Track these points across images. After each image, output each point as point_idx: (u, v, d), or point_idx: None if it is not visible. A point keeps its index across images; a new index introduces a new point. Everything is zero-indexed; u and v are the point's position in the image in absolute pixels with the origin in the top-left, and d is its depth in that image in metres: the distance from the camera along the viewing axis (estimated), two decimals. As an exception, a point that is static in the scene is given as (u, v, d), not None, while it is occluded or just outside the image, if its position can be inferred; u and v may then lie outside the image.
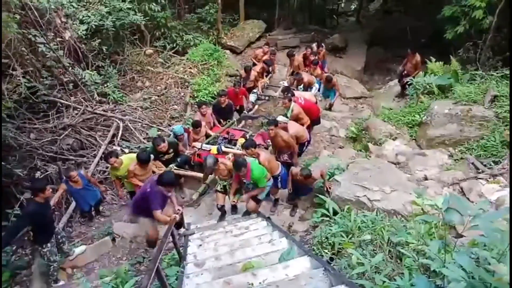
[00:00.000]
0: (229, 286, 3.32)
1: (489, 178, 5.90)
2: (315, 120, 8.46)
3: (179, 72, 11.75)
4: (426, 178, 6.45)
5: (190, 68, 11.96)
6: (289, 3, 18.03)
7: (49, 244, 5.09)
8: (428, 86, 9.03)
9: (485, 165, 6.41)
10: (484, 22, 9.03)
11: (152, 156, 6.31)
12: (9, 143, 6.90)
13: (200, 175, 7.00)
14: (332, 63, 13.67)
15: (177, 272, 3.78)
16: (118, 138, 8.48)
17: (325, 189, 5.95)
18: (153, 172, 6.31)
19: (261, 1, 17.62)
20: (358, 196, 5.57)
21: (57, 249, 5.31)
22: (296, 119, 7.52)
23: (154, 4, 11.75)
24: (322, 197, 5.44)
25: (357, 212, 4.93)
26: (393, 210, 5.15)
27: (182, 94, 10.99)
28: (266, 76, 11.63)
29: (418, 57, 9.84)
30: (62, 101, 8.63)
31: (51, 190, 4.99)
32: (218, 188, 6.24)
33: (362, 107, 11.32)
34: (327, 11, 19.14)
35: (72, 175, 6.00)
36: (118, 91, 10.09)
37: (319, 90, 10.37)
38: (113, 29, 10.17)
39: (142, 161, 5.95)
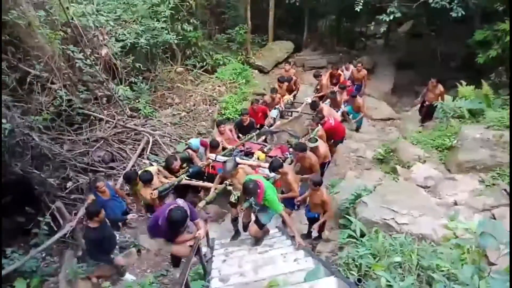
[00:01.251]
0: (254, 302, 3.32)
1: (523, 206, 5.70)
2: (340, 139, 8.53)
3: (208, 89, 12.03)
4: (456, 203, 6.29)
5: (219, 86, 12.23)
6: (318, 25, 18.25)
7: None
8: (458, 110, 8.88)
9: (518, 192, 6.20)
10: (517, 47, 8.90)
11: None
12: (44, 153, 7.17)
13: (212, 185, 6.69)
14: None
15: (202, 286, 3.79)
16: (147, 152, 8.69)
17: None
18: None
19: (291, 23, 17.93)
20: (386, 219, 5.47)
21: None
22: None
23: (186, 24, 12.17)
24: (350, 218, 5.37)
25: (385, 235, 4.84)
26: (421, 234, 5.01)
27: (210, 111, 11.21)
28: (290, 93, 11.61)
29: (441, 86, 9.59)
30: (95, 114, 8.95)
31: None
32: (232, 199, 6.02)
33: (390, 129, 11.19)
34: (356, 34, 19.21)
35: (99, 186, 6.13)
36: (149, 106, 10.41)
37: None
38: (147, 47, 10.54)
39: (144, 181, 6.02)
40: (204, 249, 5.85)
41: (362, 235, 4.95)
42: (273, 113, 10.13)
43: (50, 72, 7.93)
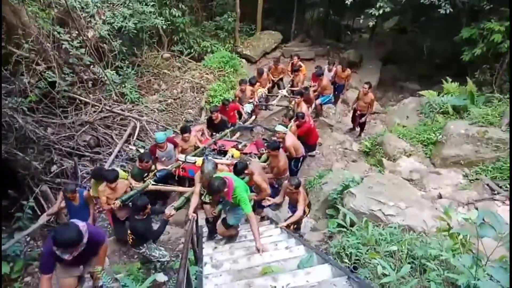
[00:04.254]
0: (250, 289, 3.34)
1: (505, 200, 5.90)
2: (314, 144, 8.51)
3: (195, 77, 11.91)
4: (440, 197, 6.47)
5: (207, 74, 12.13)
6: (306, 17, 18.25)
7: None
8: (443, 106, 9.08)
9: (500, 187, 6.41)
10: (503, 46, 9.10)
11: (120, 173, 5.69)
12: (28, 135, 6.97)
13: (183, 189, 6.26)
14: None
15: (196, 272, 3.79)
16: (134, 138, 8.57)
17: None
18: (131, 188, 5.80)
19: (279, 13, 17.86)
20: (373, 210, 5.58)
21: None
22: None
23: (175, 9, 11.96)
24: (340, 207, 5.45)
25: (374, 226, 4.94)
26: (408, 226, 5.15)
27: (198, 98, 11.13)
28: (273, 87, 11.42)
29: (371, 94, 9.26)
30: (81, 98, 8.76)
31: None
32: (207, 199, 5.43)
33: (375, 123, 11.36)
34: (342, 27, 19.28)
35: (70, 195, 5.46)
36: (136, 92, 10.23)
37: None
38: (134, 31, 10.34)
39: (109, 180, 5.32)
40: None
41: (351, 225, 5.05)
42: (248, 107, 9.72)
43: (35, 52, 7.67)
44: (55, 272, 3.72)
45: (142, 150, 8.07)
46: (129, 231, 4.86)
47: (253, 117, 9.94)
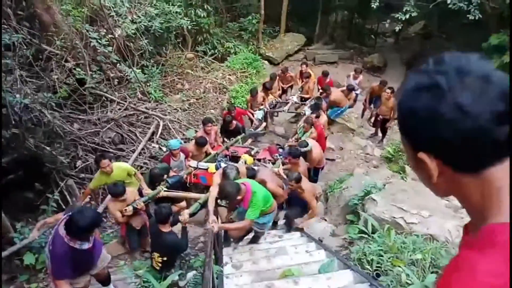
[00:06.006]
0: (271, 290, 3.36)
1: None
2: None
3: (218, 77, 12.01)
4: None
5: (229, 75, 12.21)
6: (330, 19, 18.16)
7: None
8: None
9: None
10: (533, 54, 8.86)
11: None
12: (56, 130, 7.16)
13: (195, 195, 5.99)
14: (369, 81, 13.61)
15: (217, 271, 3.83)
16: (157, 136, 8.69)
17: None
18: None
19: (303, 15, 17.80)
20: (395, 217, 5.50)
21: None
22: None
23: (200, 10, 12.09)
24: (361, 213, 5.41)
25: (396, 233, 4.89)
26: (430, 235, 5.06)
27: (220, 99, 11.21)
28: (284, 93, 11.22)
29: (394, 99, 8.86)
30: (107, 95, 8.93)
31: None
32: (224, 203, 5.04)
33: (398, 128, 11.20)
34: (366, 30, 19.10)
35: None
36: (159, 90, 10.38)
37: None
38: (160, 30, 10.49)
39: (114, 195, 5.10)
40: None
41: (373, 231, 5.00)
42: (258, 114, 9.45)
43: (65, 49, 7.87)
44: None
45: (164, 149, 8.19)
46: (156, 255, 4.17)
47: (264, 124, 9.73)
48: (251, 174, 5.30)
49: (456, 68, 0.69)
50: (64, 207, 6.62)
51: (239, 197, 4.12)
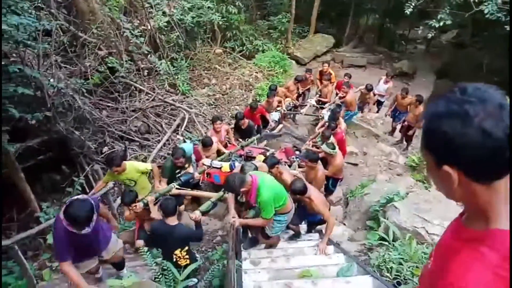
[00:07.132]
0: (289, 289, 3.37)
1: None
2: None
3: (245, 74, 12.06)
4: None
5: (256, 72, 12.25)
6: (360, 22, 17.98)
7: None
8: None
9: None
10: None
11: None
12: (85, 116, 7.34)
13: (208, 194, 5.84)
14: (396, 88, 13.41)
15: (236, 265, 3.86)
16: (182, 128, 8.80)
17: None
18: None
19: (333, 17, 17.69)
20: (416, 227, 5.41)
21: None
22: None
23: (232, 6, 12.16)
24: (383, 220, 5.36)
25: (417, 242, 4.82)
26: (452, 246, 4.97)
27: (245, 96, 11.25)
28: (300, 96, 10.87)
29: (421, 107, 8.74)
30: (136, 85, 9.10)
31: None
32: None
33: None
34: (397, 36, 18.80)
35: None
36: (187, 84, 10.51)
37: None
38: (192, 24, 10.61)
39: (125, 204, 4.89)
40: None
41: (393, 239, 4.95)
42: (274, 115, 9.21)
43: (99, 38, 8.06)
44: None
45: (188, 141, 8.27)
46: (177, 252, 3.65)
47: (280, 125, 9.46)
48: (273, 162, 5.12)
49: (479, 98, 0.85)
50: (88, 190, 6.81)
51: (243, 189, 3.87)
